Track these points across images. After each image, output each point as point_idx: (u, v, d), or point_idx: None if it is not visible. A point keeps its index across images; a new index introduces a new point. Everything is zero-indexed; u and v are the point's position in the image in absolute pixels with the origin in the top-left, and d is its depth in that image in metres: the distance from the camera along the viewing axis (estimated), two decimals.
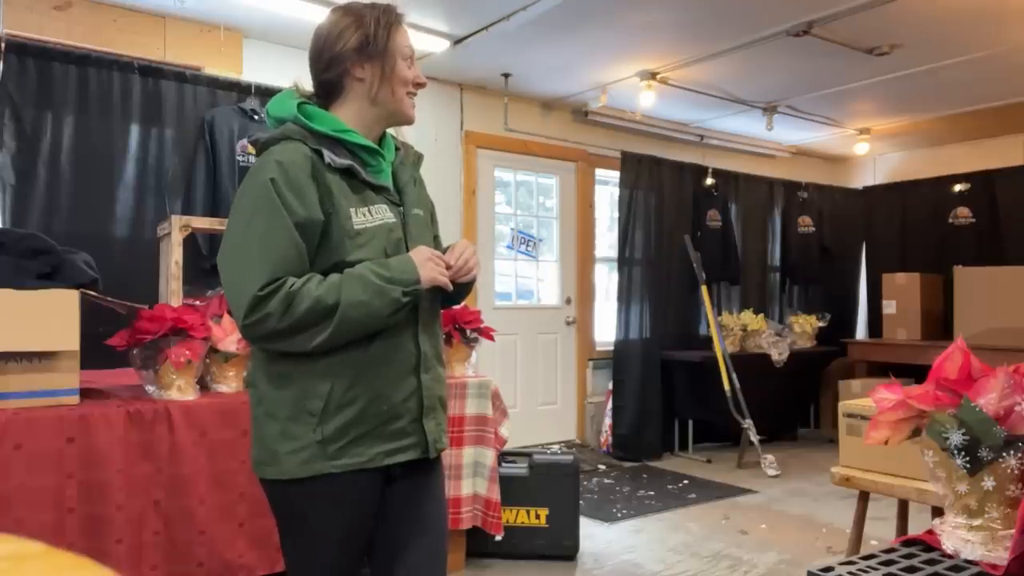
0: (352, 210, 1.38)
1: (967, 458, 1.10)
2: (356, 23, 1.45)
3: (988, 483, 1.10)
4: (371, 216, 1.40)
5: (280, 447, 1.36)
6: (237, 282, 1.32)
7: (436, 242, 1.60)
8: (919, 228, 6.10)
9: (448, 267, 1.45)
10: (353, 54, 1.43)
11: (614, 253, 5.65)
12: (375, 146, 1.46)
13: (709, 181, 5.81)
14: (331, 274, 1.35)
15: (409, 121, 1.51)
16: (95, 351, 2.43)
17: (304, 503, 1.38)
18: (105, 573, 0.56)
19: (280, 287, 1.29)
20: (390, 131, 1.56)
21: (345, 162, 1.39)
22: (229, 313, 2.56)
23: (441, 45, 4.21)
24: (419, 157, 1.61)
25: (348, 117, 1.45)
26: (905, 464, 2.02)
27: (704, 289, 5.46)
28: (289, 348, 1.34)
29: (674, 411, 5.44)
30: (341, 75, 1.45)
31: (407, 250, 1.44)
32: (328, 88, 1.48)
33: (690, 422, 5.45)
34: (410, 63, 1.48)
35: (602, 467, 5.01)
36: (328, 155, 1.38)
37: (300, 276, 1.33)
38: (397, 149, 1.55)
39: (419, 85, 1.50)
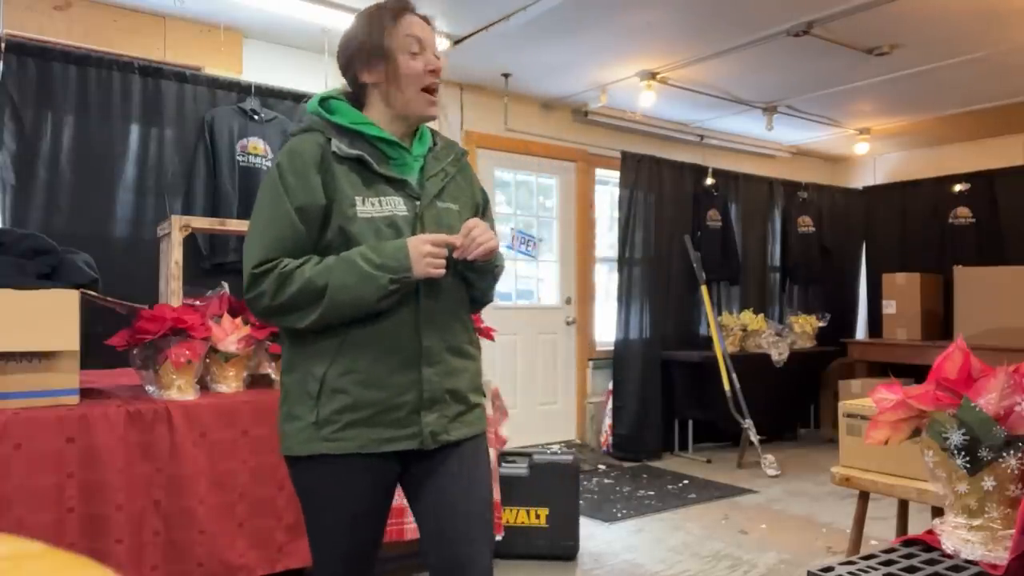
0: (358, 198, 1.41)
1: (967, 458, 1.10)
2: (361, 26, 1.49)
3: (988, 483, 1.10)
4: (379, 207, 1.42)
5: (286, 427, 1.45)
6: (244, 261, 1.43)
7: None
8: (919, 228, 6.09)
9: (453, 247, 1.43)
10: (358, 59, 1.48)
11: (614, 253, 5.65)
12: (394, 138, 1.47)
13: (709, 181, 5.81)
14: (328, 256, 1.40)
15: (427, 119, 1.50)
16: (95, 351, 2.43)
17: (308, 480, 1.45)
18: (105, 573, 0.56)
19: (274, 268, 1.38)
20: (430, 127, 1.58)
21: (354, 152, 1.42)
22: (229, 313, 2.57)
23: (441, 45, 4.20)
24: (461, 153, 1.61)
25: (374, 118, 1.49)
26: (905, 464, 2.02)
27: (704, 289, 5.46)
28: (284, 325, 1.43)
29: (674, 411, 5.44)
30: (355, 79, 1.50)
31: None
32: (354, 90, 1.52)
33: (690, 422, 5.45)
34: (415, 56, 1.46)
35: (602, 467, 5.01)
36: (335, 144, 1.42)
37: (298, 257, 1.39)
38: (434, 144, 1.55)
39: (433, 73, 1.47)
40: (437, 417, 1.45)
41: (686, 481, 4.64)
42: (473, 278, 1.54)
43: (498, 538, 2.99)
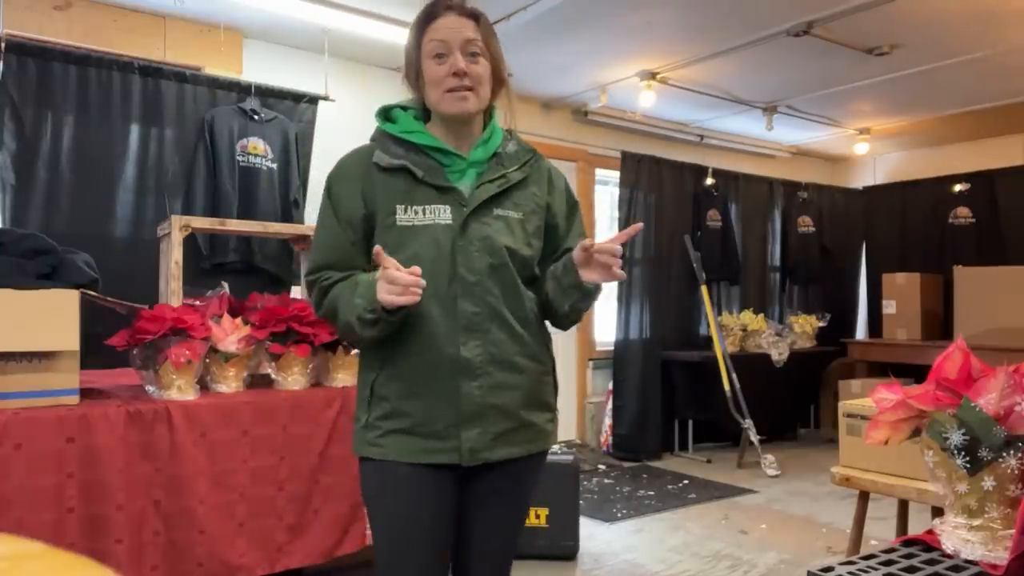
0: (400, 207, 1.42)
1: (967, 458, 1.10)
2: (407, 37, 1.50)
3: (988, 483, 1.10)
4: (422, 215, 1.42)
5: (354, 427, 1.51)
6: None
7: (537, 240, 1.55)
8: (919, 228, 6.09)
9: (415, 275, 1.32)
10: (406, 67, 1.50)
11: None
12: (443, 145, 1.46)
13: (709, 181, 5.81)
14: (354, 274, 1.44)
15: (460, 116, 1.45)
16: (95, 351, 2.43)
17: (362, 480, 1.49)
18: (105, 573, 0.56)
19: (318, 280, 1.46)
20: (503, 129, 1.57)
21: (396, 163, 1.43)
22: (229, 313, 2.57)
23: None
24: (530, 157, 1.56)
25: (434, 123, 1.50)
26: (905, 464, 2.02)
27: (704, 289, 5.46)
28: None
29: (674, 411, 5.44)
30: (413, 87, 1.50)
31: (454, 249, 1.41)
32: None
33: (690, 422, 5.45)
34: (441, 58, 1.42)
35: (602, 467, 5.01)
36: (377, 155, 1.45)
37: (344, 266, 1.45)
38: (496, 153, 1.51)
39: (455, 76, 1.42)
40: (479, 434, 1.40)
41: (686, 481, 4.64)
42: (556, 294, 1.50)
43: None
